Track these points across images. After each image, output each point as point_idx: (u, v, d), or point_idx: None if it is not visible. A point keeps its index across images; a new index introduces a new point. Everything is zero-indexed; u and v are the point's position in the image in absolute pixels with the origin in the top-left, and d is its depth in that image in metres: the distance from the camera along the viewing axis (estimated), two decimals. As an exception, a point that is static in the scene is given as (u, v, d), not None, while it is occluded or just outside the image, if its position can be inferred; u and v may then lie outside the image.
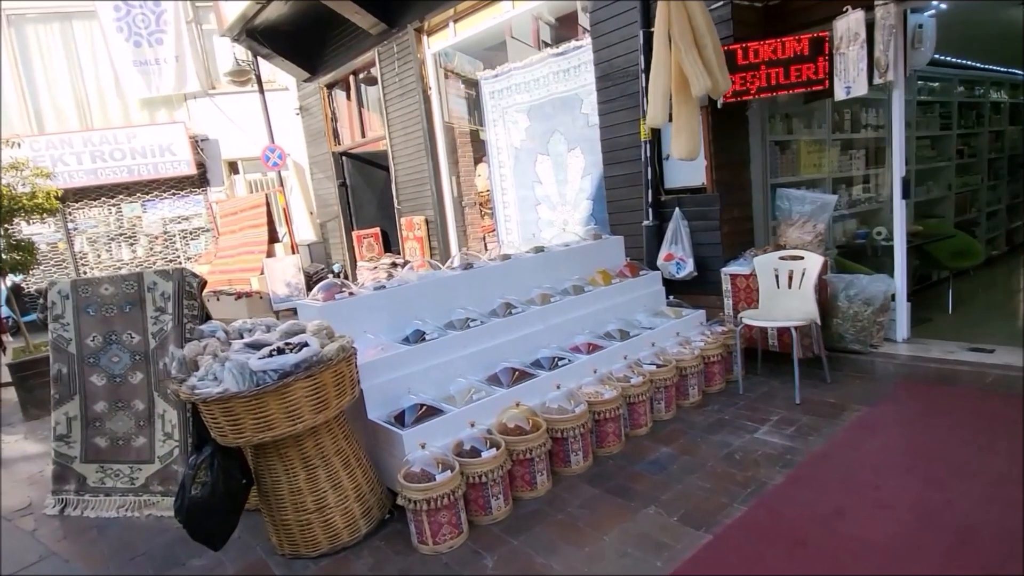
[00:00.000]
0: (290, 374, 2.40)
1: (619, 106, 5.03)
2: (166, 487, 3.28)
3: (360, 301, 3.35)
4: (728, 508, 2.66)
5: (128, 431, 3.38)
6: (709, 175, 4.51)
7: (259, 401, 2.36)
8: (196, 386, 2.45)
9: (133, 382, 3.39)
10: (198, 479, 2.44)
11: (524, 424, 2.95)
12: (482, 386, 3.21)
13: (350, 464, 2.71)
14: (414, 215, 8.17)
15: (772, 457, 3.05)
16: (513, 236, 7.53)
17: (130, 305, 3.38)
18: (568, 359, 3.53)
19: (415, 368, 3.17)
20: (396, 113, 8.09)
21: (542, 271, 4.19)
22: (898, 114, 4.02)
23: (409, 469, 2.63)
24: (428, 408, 2.96)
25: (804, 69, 4.13)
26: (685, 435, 3.43)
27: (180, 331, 3.30)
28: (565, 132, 6.46)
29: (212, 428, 2.46)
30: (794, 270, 3.95)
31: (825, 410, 3.51)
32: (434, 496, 2.51)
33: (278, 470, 2.58)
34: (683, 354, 3.81)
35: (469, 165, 8.08)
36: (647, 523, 2.62)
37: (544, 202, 6.99)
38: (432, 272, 3.77)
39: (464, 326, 3.47)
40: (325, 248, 10.83)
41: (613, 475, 3.08)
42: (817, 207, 4.37)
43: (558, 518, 2.74)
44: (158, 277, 3.36)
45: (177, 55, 11.14)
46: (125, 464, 3.37)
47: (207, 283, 3.45)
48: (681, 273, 4.65)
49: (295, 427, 2.43)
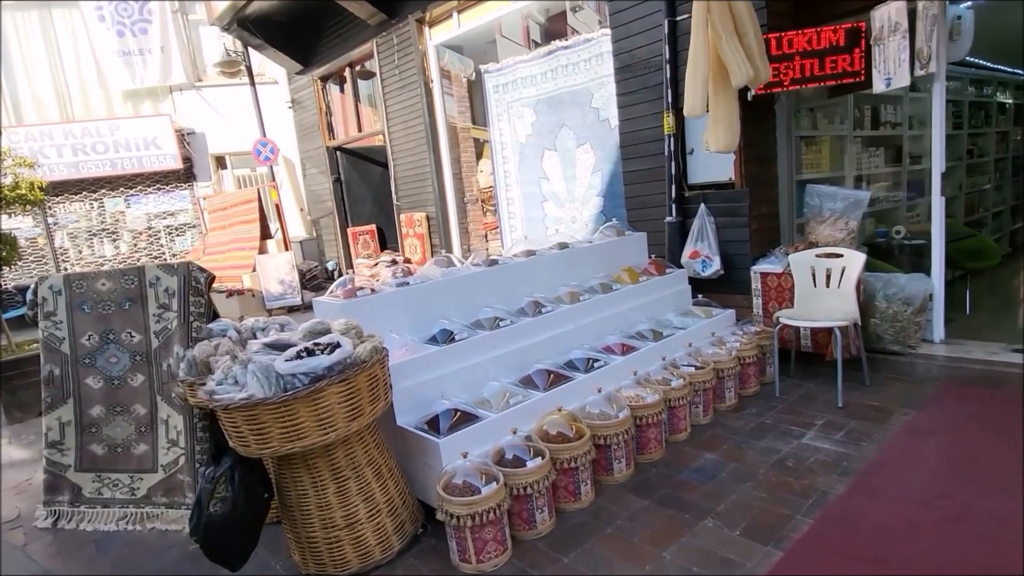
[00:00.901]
0: (322, 378, 2.16)
1: (640, 98, 4.84)
2: (171, 498, 3.01)
3: (383, 299, 3.11)
4: (792, 521, 2.47)
5: (128, 438, 3.10)
6: (738, 169, 4.34)
7: (288, 408, 2.12)
8: (215, 391, 2.20)
9: (133, 385, 3.11)
10: (217, 494, 2.19)
11: (567, 431, 2.74)
12: (517, 389, 2.99)
13: (382, 475, 2.47)
14: (414, 211, 7.91)
15: (826, 464, 2.87)
16: (518, 234, 7.32)
17: (130, 302, 3.10)
18: (603, 360, 3.32)
19: (445, 370, 2.94)
20: (396, 107, 7.84)
21: (567, 268, 3.98)
22: (939, 108, 3.88)
23: (450, 481, 2.40)
24: (463, 414, 2.73)
25: (840, 60, 3.98)
26: (727, 440, 3.24)
27: (186, 330, 3.04)
28: (574, 127, 6.26)
29: (233, 438, 2.21)
30: (832, 268, 3.79)
31: (871, 414, 3.35)
32: (480, 511, 2.28)
33: (305, 483, 2.34)
34: (719, 355, 3.63)
35: (471, 160, 7.85)
36: (707, 537, 2.42)
37: (551, 199, 6.79)
38: (456, 268, 3.54)
39: (494, 325, 3.25)
40: (318, 245, 10.52)
41: (658, 484, 2.88)
42: (850, 204, 4.22)
43: (608, 532, 2.53)
44: (161, 272, 3.08)
45: (162, 45, 10.74)
46: (125, 473, 3.09)
47: (215, 278, 3.18)
48: (707, 271, 4.47)
49: (327, 436, 2.19)
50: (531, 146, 6.82)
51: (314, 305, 3.22)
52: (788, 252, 4.27)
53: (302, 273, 9.21)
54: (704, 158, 4.59)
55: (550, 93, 6.43)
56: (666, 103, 4.54)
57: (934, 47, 3.68)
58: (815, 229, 4.34)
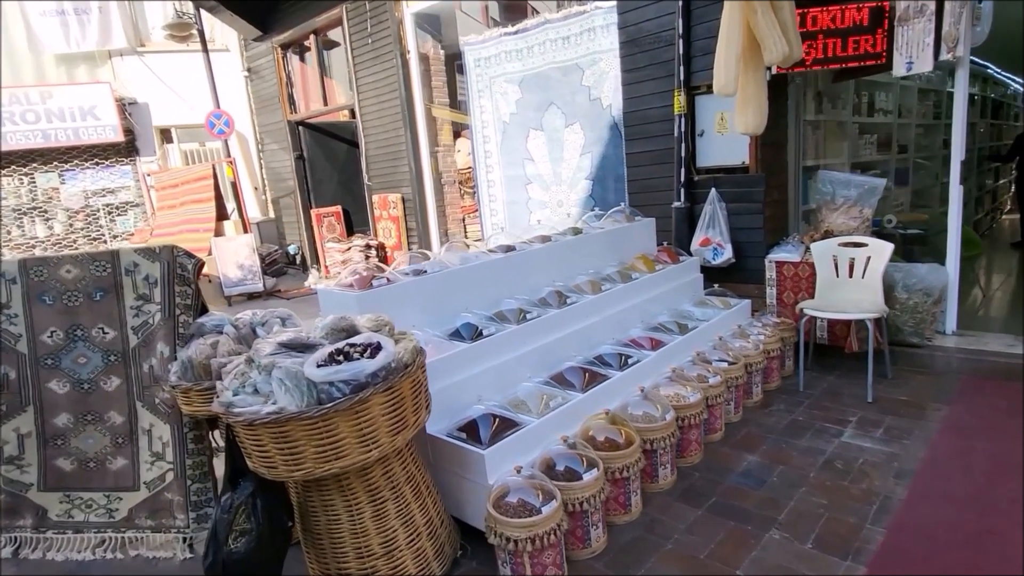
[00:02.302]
0: (364, 386, 1.83)
1: (647, 75, 4.59)
2: (157, 520, 2.60)
3: (400, 289, 2.77)
4: (863, 530, 2.31)
5: (102, 451, 2.67)
6: (753, 153, 4.16)
7: (327, 423, 1.78)
8: (233, 403, 1.84)
9: (107, 389, 2.67)
10: (237, 526, 1.83)
11: (616, 436, 2.49)
12: (554, 390, 2.72)
13: (421, 494, 2.17)
14: (388, 192, 7.47)
15: (878, 466, 2.74)
16: (499, 218, 6.99)
17: (101, 292, 2.65)
18: (636, 357, 3.09)
19: (475, 370, 2.64)
20: (368, 79, 7.33)
21: (582, 256, 3.72)
22: (961, 95, 3.81)
23: (502, 499, 2.12)
24: (502, 419, 2.45)
25: (862, 41, 3.83)
26: (764, 440, 3.08)
27: (171, 325, 2.61)
28: (563, 105, 5.95)
29: (255, 458, 1.85)
30: (855, 258, 3.67)
31: (904, 409, 3.25)
32: (540, 533, 2.01)
33: (337, 507, 2.01)
34: (747, 349, 3.46)
35: (449, 139, 7.45)
36: (779, 552, 2.23)
37: (536, 181, 6.48)
38: (472, 255, 3.22)
39: (520, 318, 2.96)
40: (277, 227, 9.88)
41: (706, 491, 2.67)
42: (864, 191, 4.12)
43: (668, 548, 2.31)
44: (140, 257, 2.64)
45: (100, 6, 9.75)
46: (100, 492, 2.66)
47: (204, 264, 2.76)
48: (718, 259, 4.30)
49: (369, 454, 1.87)
50: (515, 125, 6.47)
51: (320, 297, 2.85)
52: (803, 241, 4.15)
53: (261, 257, 8.62)
54: (715, 141, 4.40)
55: (537, 69, 6.09)
56: (677, 81, 4.31)
57: (962, 31, 3.58)
58: (827, 217, 4.23)
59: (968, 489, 2.50)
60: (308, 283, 8.82)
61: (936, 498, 2.47)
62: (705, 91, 4.27)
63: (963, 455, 2.76)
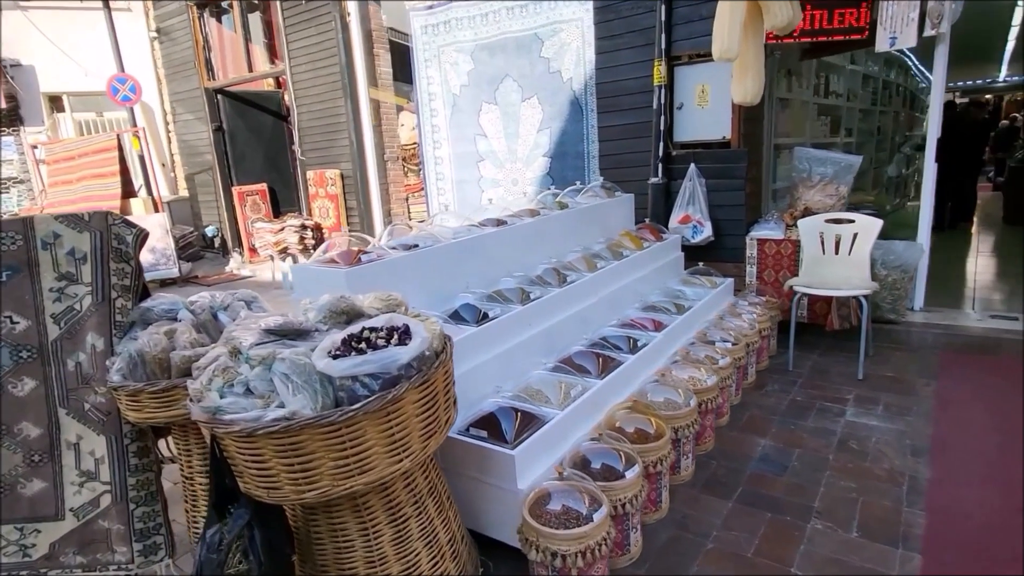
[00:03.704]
0: (397, 380, 1.46)
1: (625, 43, 4.35)
2: (89, 556, 2.10)
3: (393, 265, 2.38)
4: (901, 513, 2.20)
5: (11, 472, 2.11)
6: (736, 128, 4.03)
7: (352, 429, 1.40)
8: (221, 408, 1.42)
9: (17, 393, 2.11)
10: (230, 568, 1.42)
11: (647, 427, 2.25)
12: (572, 377, 2.43)
13: (443, 507, 1.82)
14: (325, 168, 6.86)
15: (891, 444, 2.66)
16: (446, 197, 6.58)
17: (9, 271, 2.09)
18: (643, 339, 2.86)
19: (484, 356, 2.31)
20: (300, 43, 6.68)
21: (570, 232, 3.45)
22: (940, 71, 3.81)
23: (542, 506, 1.81)
24: (523, 413, 2.13)
25: (847, 15, 3.77)
26: (770, 422, 2.94)
27: (107, 311, 2.10)
28: (519, 78, 5.62)
29: (252, 478, 1.44)
30: (842, 235, 3.62)
31: (894, 386, 3.22)
32: (591, 544, 1.73)
33: (350, 531, 1.63)
34: (744, 329, 3.32)
35: (391, 111, 6.93)
36: (826, 543, 2.07)
37: (488, 158, 6.12)
38: (464, 229, 2.86)
39: (524, 299, 2.65)
40: (192, 207, 8.94)
41: (728, 480, 2.49)
42: (841, 168, 4.09)
43: (711, 547, 2.09)
44: (63, 226, 2.10)
45: (-32, -54, 8.39)
46: (10, 525, 2.11)
47: (148, 236, 2.24)
48: (698, 237, 4.16)
49: (400, 464, 1.50)
50: (466, 98, 6.07)
51: (292, 275, 2.40)
52: (784, 218, 4.08)
53: (176, 240, 7.74)
54: (694, 114, 4.24)
55: (491, 38, 5.71)
56: (658, 49, 4.10)
57: (946, 7, 3.57)
58: (804, 194, 4.18)
59: (984, 465, 2.46)
60: (230, 268, 8.04)
61: (957, 476, 2.40)
62: (687, 61, 4.09)
63: (966, 430, 2.74)
